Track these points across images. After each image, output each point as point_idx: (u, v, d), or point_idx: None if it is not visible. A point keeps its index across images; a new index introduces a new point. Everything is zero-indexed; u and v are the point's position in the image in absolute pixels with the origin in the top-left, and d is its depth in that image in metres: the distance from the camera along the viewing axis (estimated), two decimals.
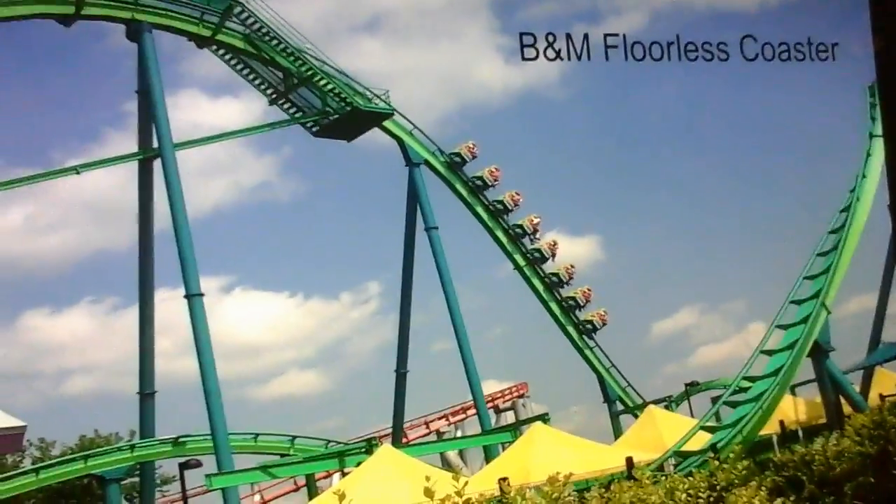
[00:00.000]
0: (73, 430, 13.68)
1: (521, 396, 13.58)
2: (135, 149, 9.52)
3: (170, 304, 11.31)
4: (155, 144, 9.00)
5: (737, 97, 18.03)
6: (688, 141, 19.76)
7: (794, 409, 7.22)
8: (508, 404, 13.43)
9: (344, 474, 7.34)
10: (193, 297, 8.25)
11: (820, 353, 7.15)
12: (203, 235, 10.55)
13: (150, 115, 9.06)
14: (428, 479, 2.87)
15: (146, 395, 9.52)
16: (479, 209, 11.05)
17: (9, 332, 18.99)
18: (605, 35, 4.14)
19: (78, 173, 9.20)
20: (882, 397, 6.87)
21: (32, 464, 11.17)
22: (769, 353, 7.06)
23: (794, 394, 7.78)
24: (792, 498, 3.33)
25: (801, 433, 6.50)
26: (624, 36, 4.26)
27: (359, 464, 6.21)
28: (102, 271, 19.85)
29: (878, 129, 7.47)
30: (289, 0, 15.66)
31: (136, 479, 10.70)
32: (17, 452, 11.66)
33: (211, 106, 18.83)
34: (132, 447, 9.86)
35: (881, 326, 10.02)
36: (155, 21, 9.03)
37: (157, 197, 9.41)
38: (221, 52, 9.74)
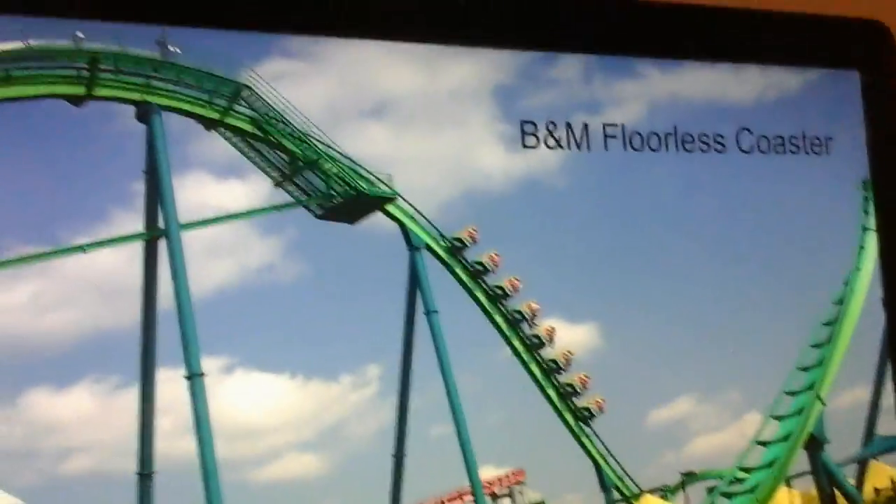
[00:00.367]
0: None
1: (517, 483, 13.47)
2: (141, 229, 9.91)
3: (171, 384, 11.35)
4: (161, 225, 9.43)
5: (733, 187, 18.06)
6: (686, 230, 19.73)
7: (789, 501, 7.23)
8: (505, 491, 13.34)
9: None
10: (194, 377, 8.55)
11: (815, 444, 7.18)
12: (206, 315, 10.46)
13: (156, 196, 9.43)
14: None
15: (145, 475, 9.88)
16: (479, 294, 11.45)
17: (10, 410, 18.63)
18: (605, 125, 4.33)
19: (84, 252, 9.50)
20: (877, 491, 6.91)
21: None
22: (765, 444, 7.10)
23: (789, 485, 7.81)
24: None
25: None
26: (623, 126, 4.41)
27: None
28: (106, 350, 19.51)
29: (872, 223, 7.57)
30: (296, 84, 15.83)
31: None
32: None
33: (217, 187, 18.58)
34: None
35: (875, 419, 9.96)
36: (165, 103, 9.60)
37: (161, 276, 9.71)
38: (229, 134, 10.12)
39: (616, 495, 10.98)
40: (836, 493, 6.28)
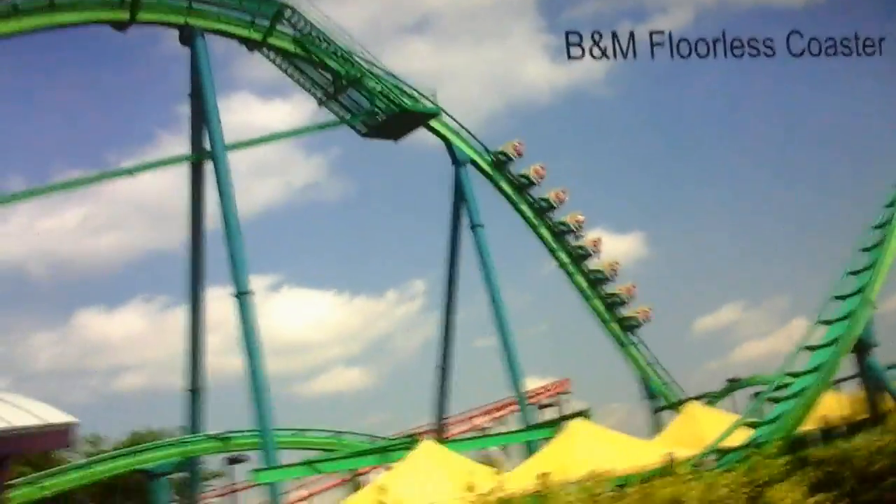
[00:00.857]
0: (125, 426, 13.95)
1: (563, 393, 13.58)
2: (187, 151, 9.66)
3: (219, 303, 11.57)
4: (207, 146, 9.15)
5: (782, 93, 17.88)
6: (732, 137, 19.62)
7: (836, 404, 7.16)
8: (550, 400, 13.45)
9: (387, 469, 7.39)
10: (242, 295, 8.35)
11: (863, 348, 7.10)
12: (252, 235, 10.80)
13: (202, 118, 9.20)
14: (470, 473, 2.93)
15: (195, 391, 9.66)
16: (524, 207, 11.09)
17: (63, 329, 19.33)
18: (651, 33, 4.19)
19: (132, 175, 9.23)
20: None
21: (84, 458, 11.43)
22: (812, 348, 7.01)
23: (836, 389, 7.72)
24: (832, 493, 3.34)
25: (843, 429, 6.46)
26: (669, 33, 4.26)
27: (402, 459, 6.27)
28: (154, 271, 20.21)
29: None
30: (337, 2, 15.72)
31: (184, 474, 10.70)
32: (70, 448, 11.91)
33: (261, 108, 19.03)
34: (180, 443, 10.05)
35: None
36: (207, 26, 9.14)
37: (208, 197, 9.58)
38: (272, 54, 9.82)
39: (661, 403, 10.78)
40: (883, 396, 6.20)
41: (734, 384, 11.05)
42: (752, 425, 6.74)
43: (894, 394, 7.49)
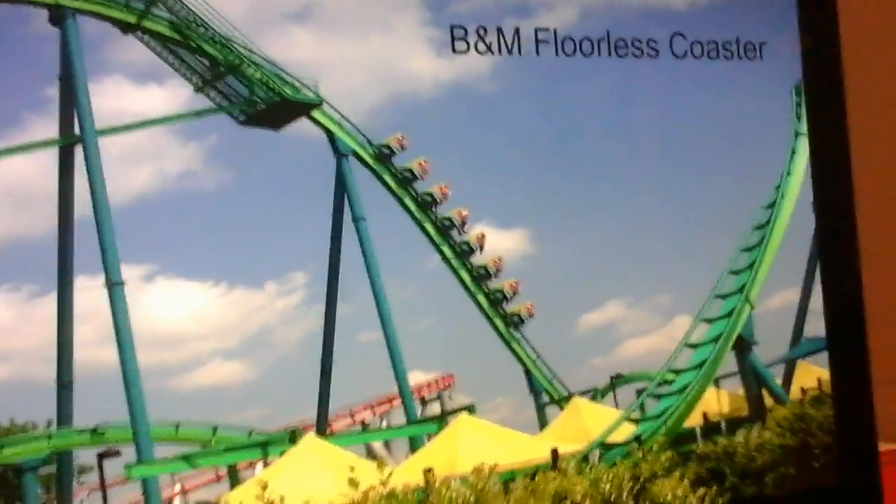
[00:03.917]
0: None
1: (446, 388, 13.57)
2: (56, 135, 9.02)
3: (89, 293, 11.08)
4: (77, 131, 8.67)
5: (667, 94, 18.20)
6: (618, 136, 19.87)
7: (717, 401, 7.32)
8: (434, 395, 13.42)
9: (267, 465, 7.27)
10: (114, 286, 8.01)
11: (743, 346, 7.26)
12: (125, 223, 10.28)
13: (72, 102, 8.79)
14: (352, 469, 2.84)
15: (64, 384, 9.13)
16: (408, 201, 10.81)
17: None
18: (536, 29, 4.13)
19: None
20: (803, 391, 7.00)
21: None
22: (694, 346, 7.15)
23: (717, 386, 7.90)
24: (714, 489, 3.35)
25: (723, 425, 6.59)
26: (555, 31, 4.25)
27: (282, 454, 6.15)
28: (20, 258, 19.36)
29: (804, 128, 7.62)
30: None
31: (54, 470, 10.79)
32: None
33: (135, 93, 18.36)
34: (49, 436, 9.44)
35: (803, 321, 10.28)
36: (79, 6, 8.76)
37: (77, 184, 9.01)
38: (147, 38, 9.35)
39: (546, 398, 10.76)
40: (764, 393, 6.36)
41: (618, 380, 11.25)
42: (636, 421, 6.84)
43: (774, 391, 7.72)
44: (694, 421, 6.61)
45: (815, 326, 9.70)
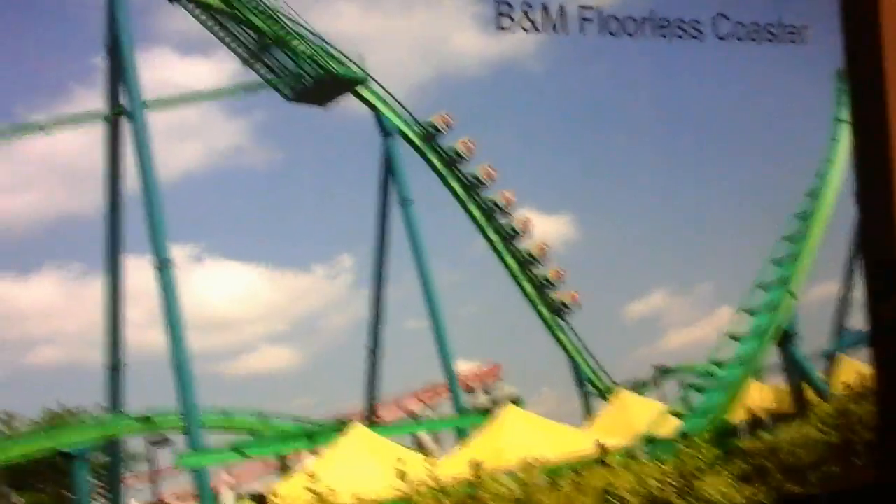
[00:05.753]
0: (40, 402, 13.49)
1: (493, 377, 13.63)
2: (103, 107, 9.21)
3: (138, 273, 11.11)
4: (124, 103, 8.72)
5: (709, 75, 18.09)
6: (661, 118, 19.78)
7: (760, 395, 7.30)
8: (481, 385, 13.47)
9: (315, 455, 7.35)
10: (163, 265, 8.06)
11: (786, 339, 7.23)
12: (172, 200, 10.35)
13: (119, 73, 8.82)
14: (401, 461, 2.91)
15: (114, 367, 9.33)
16: (454, 183, 10.92)
17: None
18: (580, 7, 4.18)
19: (45, 131, 8.94)
20: (846, 385, 6.94)
21: None
22: (737, 338, 7.12)
23: (760, 379, 7.86)
24: (758, 485, 3.39)
25: (768, 420, 6.58)
26: (599, 9, 4.32)
27: (331, 443, 6.23)
28: (69, 236, 19.38)
29: (845, 115, 7.56)
30: None
31: (105, 456, 10.53)
32: None
33: (183, 64, 18.43)
34: (100, 423, 9.80)
35: (845, 313, 10.18)
36: None
37: (125, 158, 9.12)
38: (193, 7, 9.31)
39: (591, 389, 10.84)
40: (806, 386, 6.34)
41: (662, 372, 11.22)
42: (679, 416, 6.84)
43: (816, 385, 7.66)
44: (737, 414, 6.61)
45: (858, 318, 9.59)
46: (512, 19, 3.87)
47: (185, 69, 17.05)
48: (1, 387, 17.27)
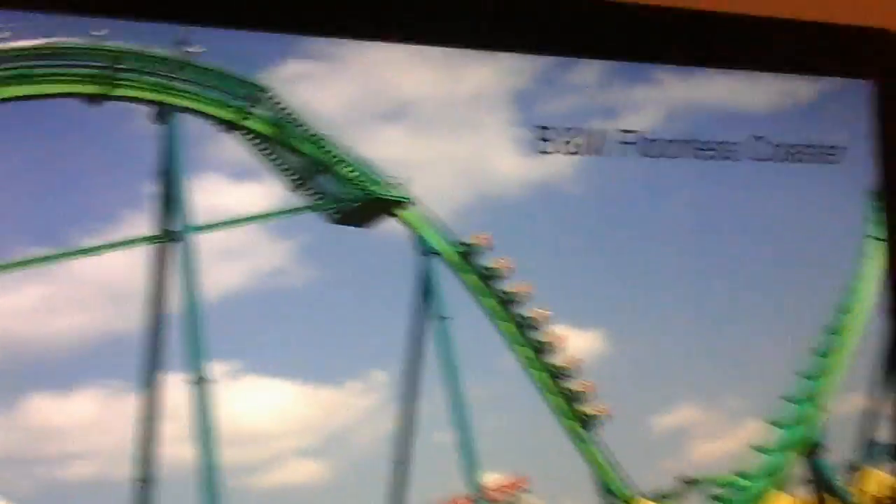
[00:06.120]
0: None
1: (520, 490, 13.39)
2: (151, 231, 9.76)
3: (174, 389, 11.21)
4: (172, 227, 9.32)
5: (744, 196, 17.93)
6: (695, 237, 19.52)
7: None
8: (508, 498, 13.24)
9: None
10: (202, 383, 8.47)
11: (812, 450, 7.22)
12: (213, 319, 10.26)
13: (169, 198, 9.28)
14: None
15: (146, 481, 9.70)
16: (490, 300, 11.28)
17: (12, 414, 18.16)
18: (622, 132, 4.32)
19: (94, 255, 9.46)
20: (872, 498, 6.91)
21: None
22: (764, 451, 7.13)
23: (786, 490, 7.83)
24: None
25: None
26: (639, 133, 4.41)
27: None
28: (110, 354, 19.29)
29: (878, 233, 7.63)
30: (314, 87, 15.58)
31: None
32: None
33: (231, 189, 18.09)
34: None
35: (873, 425, 10.02)
36: (182, 104, 9.44)
37: (169, 280, 9.61)
38: (246, 136, 9.95)
39: (615, 501, 10.91)
40: (832, 499, 6.32)
41: (688, 484, 11.10)
42: None
43: (842, 497, 7.61)
44: None
45: (885, 431, 9.53)
46: (553, 143, 4.06)
47: (233, 194, 16.87)
48: (36, 501, 16.91)
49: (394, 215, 11.23)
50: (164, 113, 9.92)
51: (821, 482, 6.57)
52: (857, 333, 6.87)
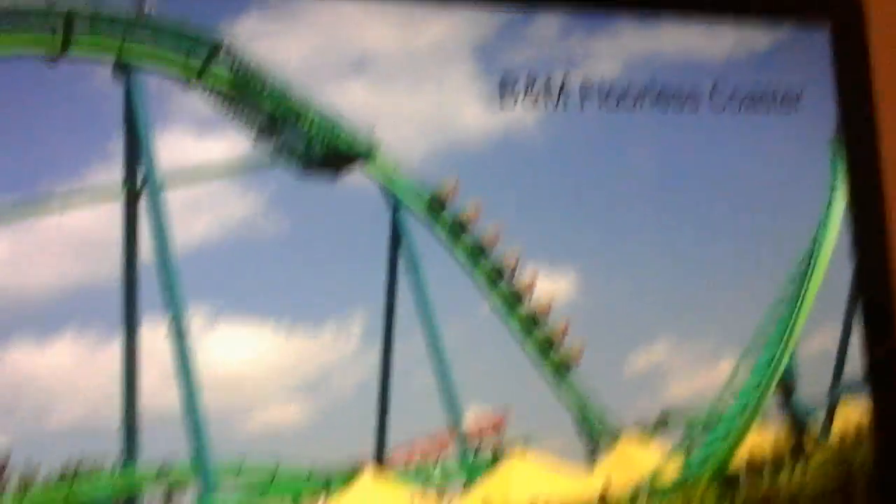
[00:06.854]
0: (58, 461, 13.48)
1: (499, 429, 13.59)
2: (120, 184, 9.86)
3: (153, 337, 11.28)
4: (140, 181, 9.41)
5: (706, 143, 18.15)
6: (660, 183, 19.73)
7: (760, 443, 7.41)
8: (488, 437, 13.44)
9: (328, 500, 7.43)
10: (179, 329, 7.65)
11: (785, 387, 7.38)
12: (187, 271, 10.44)
13: (136, 152, 9.39)
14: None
15: (131, 425, 9.94)
16: (459, 251, 11.34)
17: None
18: (582, 83, 4.28)
19: (62, 210, 9.46)
20: (844, 434, 7.07)
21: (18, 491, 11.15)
22: (737, 389, 7.27)
23: (759, 427, 7.97)
24: None
25: (766, 467, 6.69)
26: (599, 83, 4.40)
27: (343, 490, 6.33)
28: (87, 303, 19.50)
29: (840, 180, 7.75)
30: (276, 43, 15.57)
31: None
32: (2, 484, 11.60)
33: (196, 144, 18.48)
34: (117, 474, 10.33)
35: (843, 363, 10.23)
36: (141, 61, 9.51)
37: (141, 231, 9.66)
38: (207, 91, 9.98)
39: (596, 436, 10.90)
40: (805, 435, 6.48)
41: (665, 419, 11.26)
42: (683, 462, 6.98)
43: (814, 432, 7.77)
44: (738, 461, 6.73)
45: (855, 368, 9.73)
46: (514, 95, 4.04)
47: (199, 148, 17.06)
48: (20, 448, 17.17)
49: (361, 166, 11.08)
50: (123, 70, 9.66)
51: (794, 416, 6.73)
52: (821, 276, 7.02)
